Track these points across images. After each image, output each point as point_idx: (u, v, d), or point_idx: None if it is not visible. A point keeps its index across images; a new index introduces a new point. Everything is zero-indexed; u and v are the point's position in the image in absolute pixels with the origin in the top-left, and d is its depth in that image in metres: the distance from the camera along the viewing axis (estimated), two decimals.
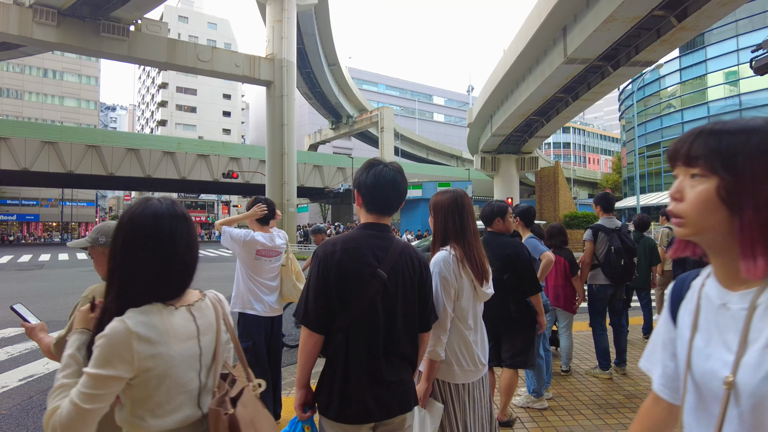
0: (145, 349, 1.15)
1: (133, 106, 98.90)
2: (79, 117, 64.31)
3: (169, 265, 1.25)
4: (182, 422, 1.24)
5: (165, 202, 1.31)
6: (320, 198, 53.95)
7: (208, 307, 1.35)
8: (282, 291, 3.72)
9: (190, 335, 1.26)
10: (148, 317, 1.18)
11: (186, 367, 1.24)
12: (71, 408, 1.09)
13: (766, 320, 0.76)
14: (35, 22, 22.82)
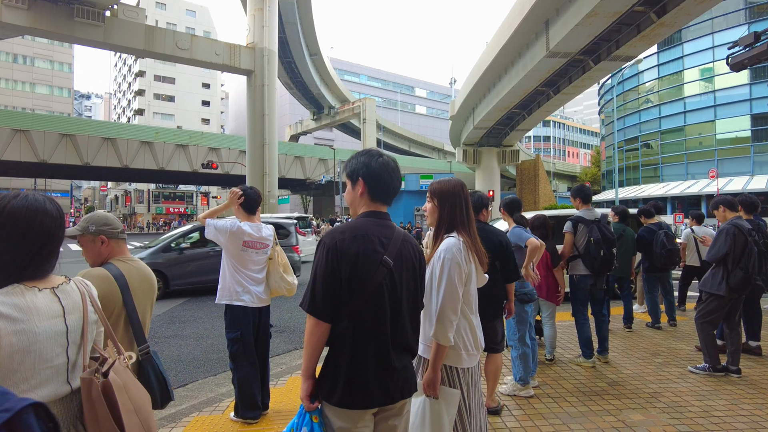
0: (7, 325, 1.21)
1: (109, 95, 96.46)
2: (52, 105, 62.59)
3: (26, 252, 1.32)
4: (49, 397, 1.29)
5: (29, 196, 1.38)
6: (302, 189, 53.64)
7: (73, 290, 1.43)
8: (269, 283, 3.67)
9: (54, 314, 1.33)
10: (9, 298, 1.25)
11: (51, 343, 1.30)
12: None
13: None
14: (4, 5, 22.03)
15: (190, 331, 6.91)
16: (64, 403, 1.35)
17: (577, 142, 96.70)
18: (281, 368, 5.01)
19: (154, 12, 61.02)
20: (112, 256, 2.07)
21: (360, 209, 1.87)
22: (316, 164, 46.34)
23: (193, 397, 4.27)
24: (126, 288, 1.96)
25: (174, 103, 66.81)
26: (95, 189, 75.54)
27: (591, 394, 4.03)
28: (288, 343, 6.19)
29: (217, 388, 4.50)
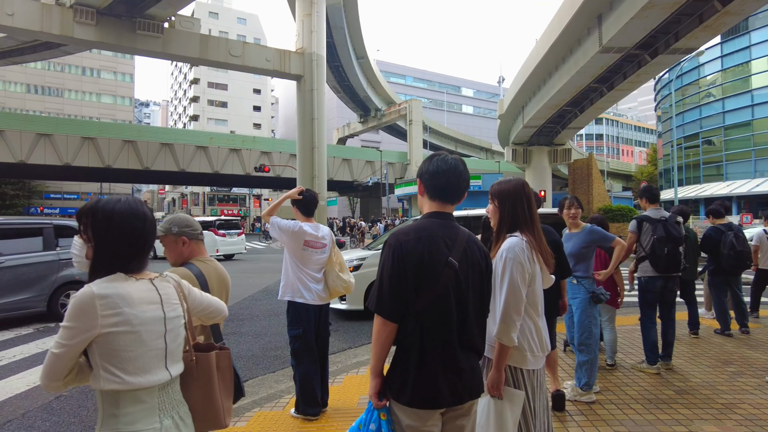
0: (106, 305, 1.36)
1: (166, 102, 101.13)
2: (115, 113, 66.22)
3: (126, 248, 1.47)
4: (154, 382, 1.43)
5: (129, 200, 1.52)
6: (349, 191, 54.26)
7: (167, 283, 1.56)
8: (327, 282, 3.76)
9: (152, 300, 1.46)
10: (110, 283, 1.40)
11: (151, 326, 1.44)
12: (48, 354, 1.37)
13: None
14: (75, 22, 23.54)
15: (248, 328, 7.15)
16: (165, 391, 1.48)
17: (631, 139, 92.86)
18: (336, 367, 5.10)
19: (208, 21, 63.45)
20: (192, 256, 2.19)
21: (424, 210, 1.91)
22: (363, 166, 46.75)
23: (254, 392, 4.42)
24: (206, 286, 2.07)
25: (227, 108, 69.20)
26: (154, 192, 79.28)
27: (658, 402, 3.87)
28: (342, 342, 6.28)
29: (277, 385, 4.64)
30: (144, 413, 1.41)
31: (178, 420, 1.50)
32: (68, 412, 4.16)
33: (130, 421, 1.39)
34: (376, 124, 50.67)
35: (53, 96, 62.47)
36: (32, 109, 58.77)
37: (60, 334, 1.36)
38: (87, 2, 23.18)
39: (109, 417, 1.40)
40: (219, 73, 65.82)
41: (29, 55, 32.78)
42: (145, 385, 1.41)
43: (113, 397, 1.39)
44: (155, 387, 1.44)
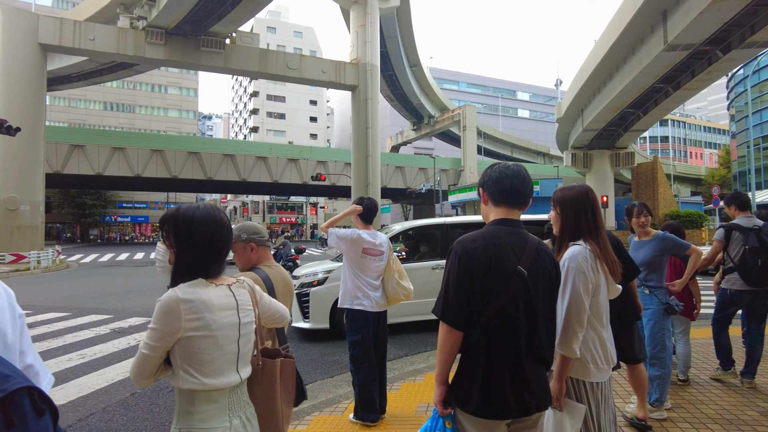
0: (190, 310, 1.44)
1: (227, 115, 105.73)
2: (181, 126, 69.89)
3: (205, 253, 1.54)
4: (225, 384, 1.51)
5: (207, 208, 1.60)
6: (402, 198, 54.41)
7: (243, 289, 1.64)
8: (386, 290, 3.79)
9: (229, 306, 1.54)
10: (193, 288, 1.48)
11: (227, 331, 1.51)
12: (137, 354, 1.47)
13: None
14: (147, 43, 25.17)
15: (306, 333, 7.30)
16: (236, 392, 1.55)
17: (700, 141, 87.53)
18: (393, 374, 5.11)
19: (266, 36, 65.88)
20: (259, 261, 2.29)
21: (490, 218, 1.88)
22: (416, 173, 46.77)
23: (313, 396, 4.50)
24: (272, 291, 2.16)
25: (285, 120, 71.44)
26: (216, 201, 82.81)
27: (739, 423, 3.60)
28: (399, 350, 6.29)
29: (335, 390, 4.70)
30: (216, 412, 1.49)
31: (245, 420, 1.57)
32: (142, 408, 4.42)
33: (204, 419, 1.47)
34: (429, 131, 50.60)
35: (126, 112, 66.92)
36: (108, 124, 63.16)
37: (148, 335, 1.45)
38: (157, 24, 24.71)
39: (185, 413, 1.49)
40: (277, 86, 68.11)
41: (107, 75, 35.33)
42: (218, 387, 1.49)
43: (189, 396, 1.48)
44: (227, 388, 1.52)
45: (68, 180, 38.37)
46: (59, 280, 15.90)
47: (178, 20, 24.21)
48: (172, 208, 1.60)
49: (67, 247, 37.02)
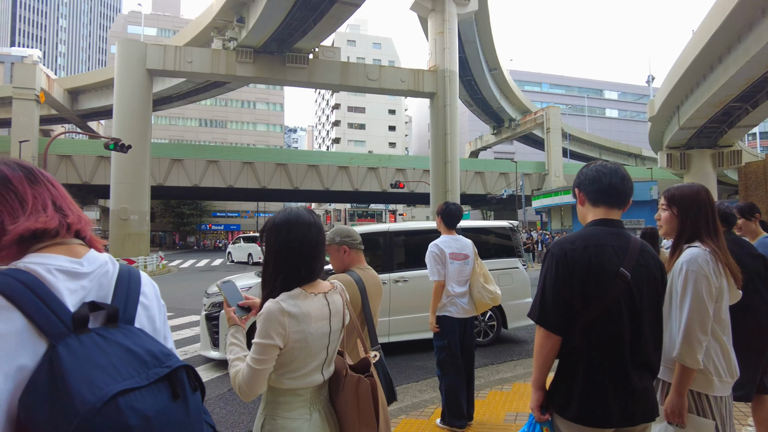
0: (292, 324, 1.48)
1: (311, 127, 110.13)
2: (268, 139, 73.79)
3: (302, 260, 1.58)
4: (310, 384, 1.57)
5: (300, 213, 1.64)
6: (482, 204, 53.44)
7: (338, 297, 1.67)
8: (473, 295, 3.76)
9: (323, 317, 1.57)
10: (294, 300, 1.52)
11: (319, 341, 1.56)
12: (247, 369, 1.48)
13: None
14: (237, 62, 26.93)
15: None
16: (318, 389, 1.63)
17: None
18: (480, 381, 5.04)
19: (346, 49, 67.91)
20: (352, 264, 2.39)
21: (587, 219, 1.81)
22: (496, 179, 45.77)
23: (399, 400, 4.55)
24: (364, 293, 2.24)
25: (365, 130, 73.16)
26: None
27: None
28: (484, 358, 6.19)
29: (421, 394, 4.73)
30: (299, 404, 1.57)
31: (325, 415, 1.63)
32: (239, 402, 4.71)
33: (287, 409, 1.56)
34: (510, 134, 49.35)
35: (219, 127, 71.93)
36: (203, 139, 68.18)
37: (255, 349, 1.48)
38: (246, 43, 26.38)
39: (271, 402, 1.59)
40: (357, 97, 69.96)
41: (202, 94, 38.31)
42: (304, 386, 1.57)
43: (277, 389, 1.57)
44: (311, 388, 1.60)
45: (169, 191, 41.81)
46: (163, 283, 17.37)
47: (265, 39, 25.67)
48: (270, 217, 1.66)
49: (167, 253, 40.29)
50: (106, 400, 0.75)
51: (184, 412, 0.86)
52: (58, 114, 39.98)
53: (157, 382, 0.83)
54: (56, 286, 0.86)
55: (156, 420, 0.79)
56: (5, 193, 0.92)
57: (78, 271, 0.91)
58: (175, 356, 0.90)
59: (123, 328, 0.89)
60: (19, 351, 0.79)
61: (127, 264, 1.04)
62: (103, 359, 0.81)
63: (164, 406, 0.82)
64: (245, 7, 25.38)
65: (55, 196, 0.98)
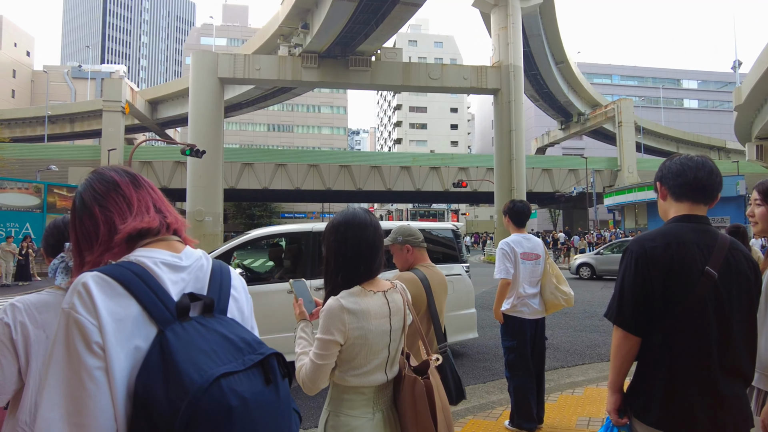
0: (351, 320, 1.52)
1: (373, 129, 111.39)
2: (333, 142, 75.45)
3: (359, 258, 1.62)
4: (373, 383, 1.60)
5: (358, 213, 1.68)
6: (550, 203, 51.70)
7: (398, 295, 1.68)
8: (545, 296, 3.65)
9: (383, 314, 1.60)
10: (354, 298, 1.56)
11: (379, 339, 1.58)
12: (310, 364, 1.55)
13: None
14: (303, 67, 27.77)
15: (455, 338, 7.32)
16: (382, 389, 1.65)
17: None
18: (549, 384, 4.89)
19: (407, 49, 68.06)
20: (416, 262, 2.40)
21: (670, 215, 1.70)
22: (565, 176, 44.09)
23: (465, 401, 4.51)
24: (429, 291, 2.24)
25: (426, 129, 73.03)
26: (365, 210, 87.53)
27: None
28: (554, 360, 6.00)
29: (488, 395, 4.66)
30: (363, 403, 1.60)
31: (388, 416, 1.65)
32: (303, 396, 4.85)
33: (351, 407, 1.59)
34: (579, 129, 47.38)
35: (286, 131, 74.47)
36: (271, 143, 70.75)
37: (317, 345, 1.54)
38: (311, 49, 27.13)
39: (336, 399, 1.63)
40: (419, 97, 69.98)
41: (270, 100, 39.88)
42: (367, 385, 1.60)
43: (341, 386, 1.61)
44: (375, 387, 1.62)
45: (241, 194, 43.72)
46: None
47: (329, 43, 26.27)
48: (331, 218, 1.72)
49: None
50: (212, 381, 0.82)
51: (275, 396, 0.92)
52: (140, 123, 43.11)
53: (252, 367, 0.90)
54: (162, 278, 0.95)
55: (252, 402, 0.86)
56: (116, 197, 1.03)
57: (178, 265, 1.00)
58: (265, 344, 0.98)
59: (218, 318, 0.98)
60: (135, 333, 0.88)
61: (218, 260, 1.13)
62: (205, 345, 0.89)
63: (259, 390, 0.89)
64: (309, 13, 26.12)
65: (155, 199, 1.09)
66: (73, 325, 0.84)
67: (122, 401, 0.85)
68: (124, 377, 0.85)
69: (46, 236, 1.67)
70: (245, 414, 0.85)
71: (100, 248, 1.00)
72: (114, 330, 0.85)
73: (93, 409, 0.81)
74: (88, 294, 0.86)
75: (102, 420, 0.82)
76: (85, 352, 0.83)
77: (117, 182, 1.05)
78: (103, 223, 1.00)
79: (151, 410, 0.82)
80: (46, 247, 1.63)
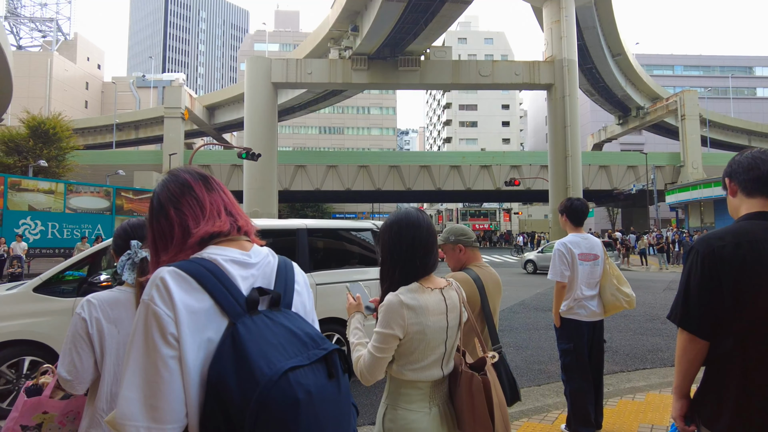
0: (411, 316, 1.56)
1: (422, 128, 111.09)
2: (382, 143, 75.91)
3: (415, 255, 1.65)
4: (429, 378, 1.63)
5: (411, 213, 1.72)
6: (608, 201, 49.72)
7: (454, 293, 1.71)
8: (604, 297, 3.54)
9: (440, 311, 1.62)
10: (413, 294, 1.60)
11: (437, 335, 1.61)
12: (368, 356, 1.60)
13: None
14: (353, 70, 28.14)
15: (509, 339, 7.22)
16: (438, 385, 1.67)
17: None
18: (608, 389, 4.73)
19: (457, 47, 67.41)
20: (469, 262, 2.40)
21: (740, 212, 1.61)
22: (623, 172, 42.28)
23: (520, 403, 4.44)
24: (483, 291, 2.24)
25: (476, 127, 72.02)
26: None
27: None
28: (613, 365, 5.79)
29: (543, 399, 4.56)
30: (419, 397, 1.63)
31: (444, 411, 1.67)
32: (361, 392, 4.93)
33: (408, 401, 1.62)
34: (639, 124, 45.30)
35: (337, 134, 75.70)
36: (323, 146, 72.15)
37: (376, 338, 1.59)
38: (360, 51, 27.44)
39: (393, 393, 1.67)
40: (469, 95, 69.15)
41: (321, 103, 40.69)
42: (423, 380, 1.63)
43: (399, 381, 1.65)
44: (431, 382, 1.65)
45: (294, 195, 44.78)
46: None
47: (378, 45, 26.48)
48: (386, 218, 1.77)
49: None
50: (281, 374, 0.87)
51: (337, 390, 0.97)
52: (199, 128, 45.05)
53: (316, 362, 0.94)
54: (232, 273, 1.01)
55: (317, 396, 0.90)
56: (189, 200, 1.09)
57: (247, 262, 1.06)
58: (327, 339, 1.03)
59: (284, 312, 1.04)
60: (207, 326, 0.94)
61: (283, 257, 1.19)
62: (273, 338, 0.94)
63: (322, 384, 0.93)
64: (359, 15, 26.42)
65: (226, 203, 1.14)
66: (152, 317, 0.91)
67: (195, 388, 0.91)
68: (197, 366, 0.91)
69: (115, 237, 1.83)
70: (310, 407, 0.89)
71: (174, 249, 1.07)
72: (188, 322, 0.91)
73: (166, 394, 0.88)
74: (166, 288, 0.93)
75: (174, 404, 0.89)
76: (161, 342, 0.90)
77: (190, 184, 1.11)
78: (177, 225, 1.07)
79: (224, 398, 0.88)
80: (115, 247, 1.78)
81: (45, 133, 26.86)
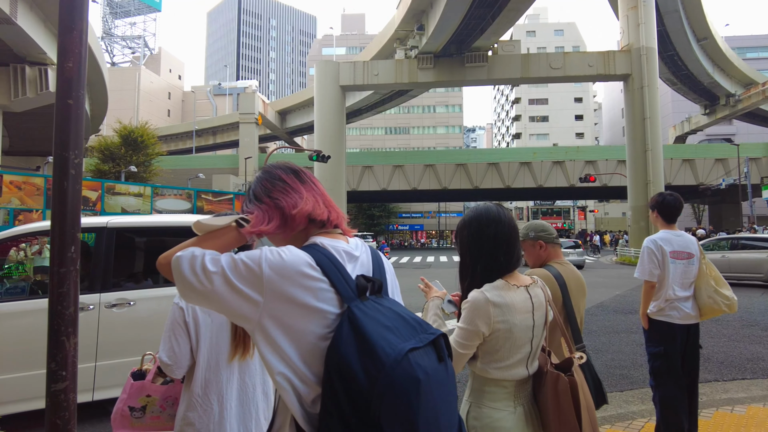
0: (497, 313, 1.53)
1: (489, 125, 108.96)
2: (448, 141, 75.23)
3: (498, 250, 1.62)
4: (514, 377, 1.60)
5: (491, 209, 1.68)
6: (692, 197, 46.24)
7: (540, 291, 1.66)
8: (700, 300, 3.27)
9: (527, 309, 1.59)
10: (498, 291, 1.57)
11: (523, 333, 1.57)
12: (453, 352, 1.52)
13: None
14: (419, 69, 28.12)
15: (586, 343, 6.84)
16: (522, 384, 1.63)
17: None
18: (702, 399, 4.38)
19: (525, 40, 65.37)
20: (549, 258, 2.30)
21: None
22: (711, 166, 39.18)
23: (602, 408, 4.22)
24: (565, 289, 2.14)
25: (548, 122, 69.57)
26: None
27: None
28: (706, 372, 5.35)
29: (626, 405, 4.31)
30: (504, 396, 1.59)
31: (529, 411, 1.63)
32: None
33: (493, 399, 1.60)
34: (729, 113, 41.76)
35: (403, 134, 75.94)
36: (389, 146, 72.63)
37: (459, 334, 1.59)
38: (426, 50, 27.36)
39: (478, 391, 1.64)
40: (539, 89, 66.90)
41: (387, 104, 41.02)
42: (508, 378, 1.59)
43: (483, 378, 1.62)
44: (515, 381, 1.61)
45: (361, 195, 45.51)
46: None
47: (444, 42, 26.26)
48: (464, 215, 1.75)
49: None
50: (403, 354, 0.90)
51: (446, 373, 0.99)
52: (272, 132, 46.92)
53: (427, 345, 0.97)
54: (344, 262, 1.08)
55: (432, 377, 0.93)
56: (285, 188, 1.16)
57: (353, 253, 1.12)
58: (431, 326, 1.05)
59: (386, 298, 1.08)
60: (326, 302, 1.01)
61: (371, 246, 1.23)
62: (387, 321, 0.97)
63: (435, 366, 0.96)
64: (424, 14, 26.35)
65: (320, 194, 1.20)
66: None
67: None
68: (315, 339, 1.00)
69: None
70: (428, 387, 0.91)
71: (285, 229, 1.13)
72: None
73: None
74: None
75: None
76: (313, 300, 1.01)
77: (282, 178, 1.17)
78: (275, 209, 1.13)
79: (348, 379, 0.91)
80: None
81: (134, 140, 29.21)
